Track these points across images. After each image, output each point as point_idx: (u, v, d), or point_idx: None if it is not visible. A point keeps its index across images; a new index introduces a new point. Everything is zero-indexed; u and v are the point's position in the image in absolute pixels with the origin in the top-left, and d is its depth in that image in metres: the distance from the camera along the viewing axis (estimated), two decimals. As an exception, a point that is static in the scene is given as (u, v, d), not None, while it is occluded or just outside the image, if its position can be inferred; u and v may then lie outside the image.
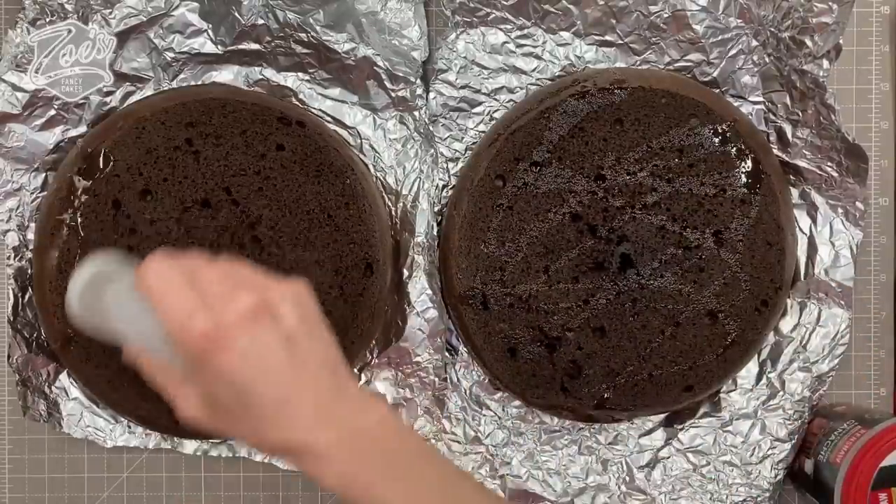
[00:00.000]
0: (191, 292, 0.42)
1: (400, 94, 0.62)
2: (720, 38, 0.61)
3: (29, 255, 0.61)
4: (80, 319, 0.48)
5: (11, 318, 0.61)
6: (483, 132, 0.63)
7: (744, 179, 0.60)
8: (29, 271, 0.61)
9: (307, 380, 0.43)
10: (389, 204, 0.63)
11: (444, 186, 0.63)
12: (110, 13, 0.60)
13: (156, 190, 0.59)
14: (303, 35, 0.61)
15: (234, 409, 0.43)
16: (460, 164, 0.63)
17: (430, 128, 0.62)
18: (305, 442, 0.42)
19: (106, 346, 0.59)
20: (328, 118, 0.63)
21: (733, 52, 0.61)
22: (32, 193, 0.61)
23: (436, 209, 0.62)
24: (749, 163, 0.60)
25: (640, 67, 0.62)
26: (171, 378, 0.46)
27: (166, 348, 0.44)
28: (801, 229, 0.63)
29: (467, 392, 0.63)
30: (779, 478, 0.63)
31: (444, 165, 0.63)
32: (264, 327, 0.42)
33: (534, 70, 0.62)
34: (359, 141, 0.63)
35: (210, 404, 0.44)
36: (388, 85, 0.62)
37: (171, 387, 0.46)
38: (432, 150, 0.62)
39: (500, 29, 0.62)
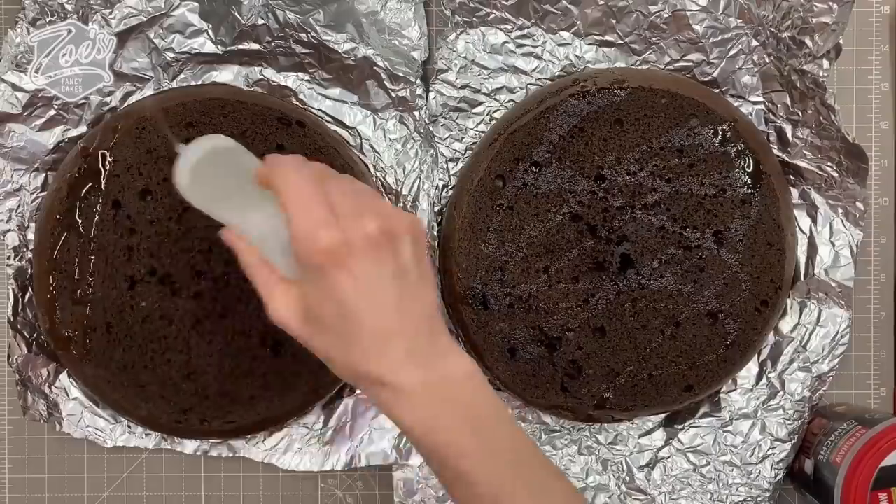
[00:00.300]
0: (322, 202, 0.42)
1: (400, 94, 0.62)
2: (720, 38, 0.61)
3: (29, 255, 0.61)
4: (188, 192, 0.47)
5: (11, 318, 0.61)
6: (483, 132, 0.63)
7: (744, 179, 0.60)
8: (29, 271, 0.61)
9: (408, 319, 0.43)
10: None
11: (444, 186, 0.63)
12: (110, 13, 0.60)
13: (156, 190, 0.59)
14: (303, 35, 0.61)
15: (331, 327, 0.43)
16: (460, 164, 0.63)
17: (430, 128, 0.62)
18: (392, 378, 0.42)
19: (106, 346, 0.59)
20: (328, 118, 0.63)
21: (733, 52, 0.61)
22: (32, 193, 0.61)
23: (436, 209, 0.62)
24: (749, 163, 0.60)
25: (640, 67, 0.62)
26: (270, 275, 0.45)
27: (278, 246, 0.43)
28: (801, 229, 0.63)
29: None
30: (779, 478, 0.63)
31: (444, 165, 0.63)
32: (384, 257, 0.42)
33: (534, 70, 0.62)
34: (359, 141, 0.63)
35: (307, 314, 0.44)
36: (388, 85, 0.62)
37: (270, 283, 0.45)
38: (432, 150, 0.62)
39: (500, 29, 0.62)
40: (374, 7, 0.61)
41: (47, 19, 0.60)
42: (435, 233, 0.62)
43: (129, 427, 0.63)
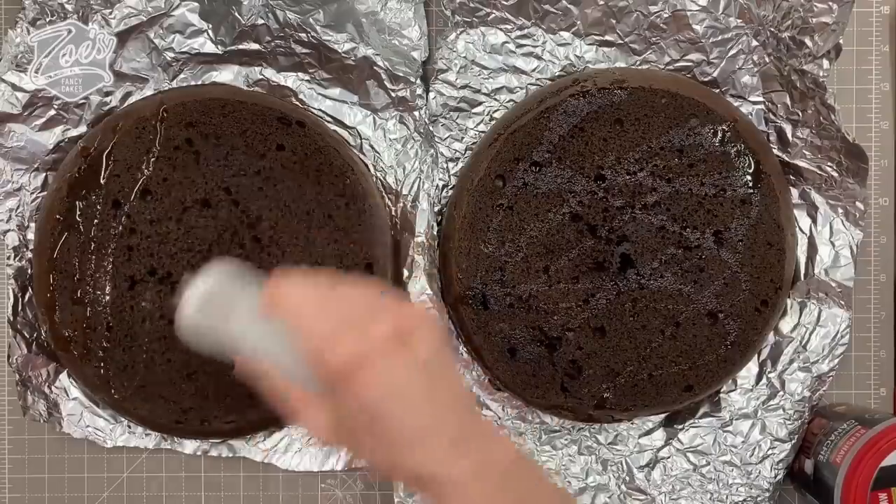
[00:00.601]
0: (330, 315, 0.42)
1: (400, 94, 0.62)
2: (720, 38, 0.61)
3: (29, 255, 0.61)
4: (192, 334, 0.47)
5: (11, 318, 0.61)
6: (483, 132, 0.63)
7: (744, 179, 0.60)
8: (29, 271, 0.61)
9: (443, 409, 0.42)
10: (389, 204, 0.63)
11: (444, 186, 0.63)
12: (110, 13, 0.60)
13: (156, 190, 0.59)
14: (303, 35, 0.61)
15: (368, 433, 0.42)
16: (460, 164, 0.63)
17: (430, 128, 0.62)
18: (441, 472, 0.41)
19: (106, 346, 0.59)
20: (328, 118, 0.63)
21: (733, 52, 0.61)
22: (32, 193, 0.61)
23: (436, 209, 0.62)
24: (749, 163, 0.60)
25: (640, 67, 0.62)
26: (297, 396, 0.45)
27: (296, 367, 0.43)
28: (801, 229, 0.63)
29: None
30: (779, 478, 0.63)
31: (444, 165, 0.63)
32: (402, 355, 0.42)
33: (534, 70, 0.62)
34: (359, 141, 0.63)
35: (342, 426, 0.43)
36: (388, 85, 0.62)
37: (298, 404, 0.45)
38: (432, 150, 0.62)
39: (500, 29, 0.62)
40: (374, 7, 0.61)
41: (47, 19, 0.60)
42: (435, 233, 0.62)
43: (129, 427, 0.63)
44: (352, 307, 0.43)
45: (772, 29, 0.60)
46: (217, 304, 0.46)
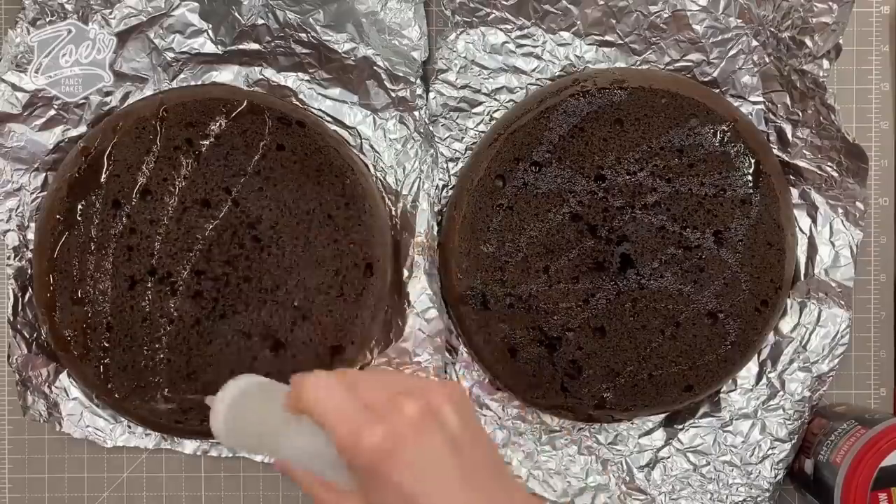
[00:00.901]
0: (356, 406, 0.42)
1: (400, 94, 0.62)
2: (720, 38, 0.61)
3: (29, 255, 0.61)
4: (227, 439, 0.48)
5: (11, 318, 0.61)
6: (483, 132, 0.63)
7: (744, 179, 0.60)
8: (29, 271, 0.61)
9: (478, 486, 0.42)
10: (389, 204, 0.63)
11: (444, 186, 0.63)
12: (110, 13, 0.60)
13: (156, 190, 0.59)
14: (303, 35, 0.61)
15: None
16: (460, 164, 0.63)
17: (430, 128, 0.62)
18: None
19: (106, 346, 0.59)
20: (328, 118, 0.63)
21: (733, 52, 0.61)
22: (32, 193, 0.61)
23: (436, 209, 0.62)
24: (749, 163, 0.60)
25: (640, 67, 0.62)
26: (330, 492, 0.45)
27: (328, 463, 0.44)
28: (801, 229, 0.63)
29: (467, 392, 0.63)
30: (779, 478, 0.63)
31: (444, 165, 0.63)
32: (432, 434, 0.42)
33: (534, 70, 0.62)
34: (359, 141, 0.63)
35: None
36: (388, 85, 0.62)
37: (333, 499, 0.45)
38: (432, 150, 0.62)
39: (500, 29, 0.62)
40: (374, 7, 0.61)
41: (47, 19, 0.60)
42: (435, 233, 0.62)
43: (129, 427, 0.63)
44: (376, 393, 0.43)
45: (772, 29, 0.60)
46: (247, 410, 0.48)
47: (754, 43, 0.61)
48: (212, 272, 0.59)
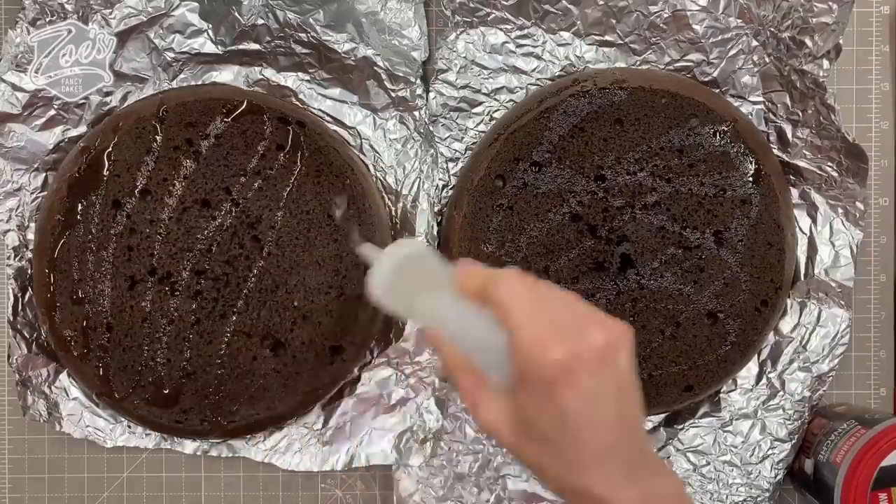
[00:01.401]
0: (549, 319, 0.42)
1: (400, 94, 0.62)
2: (720, 38, 0.61)
3: (29, 255, 0.61)
4: (383, 299, 0.46)
5: (11, 318, 0.61)
6: (483, 132, 0.63)
7: (744, 179, 0.60)
8: (29, 271, 0.61)
9: (626, 433, 0.42)
10: (389, 204, 0.63)
11: (444, 186, 0.63)
12: (110, 13, 0.60)
13: (156, 190, 0.59)
14: (303, 35, 0.61)
15: (549, 440, 0.42)
16: (460, 164, 0.63)
17: (430, 128, 0.62)
18: (611, 496, 0.41)
19: (106, 346, 0.59)
20: (328, 118, 0.63)
21: (733, 52, 0.61)
22: (32, 193, 0.61)
23: (436, 209, 0.62)
24: (749, 163, 0.60)
25: (640, 67, 0.62)
26: (477, 381, 0.45)
27: (487, 354, 0.43)
28: (801, 229, 0.63)
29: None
30: (779, 478, 0.63)
31: (444, 165, 0.63)
32: (608, 371, 0.41)
33: (534, 70, 0.62)
34: (359, 141, 0.63)
35: (520, 425, 0.43)
36: (388, 85, 0.62)
37: (477, 389, 0.45)
38: (432, 150, 0.62)
39: (500, 29, 0.62)
40: (374, 7, 0.61)
41: (47, 19, 0.60)
42: (435, 233, 0.62)
43: (129, 427, 0.63)
44: (566, 312, 0.42)
45: (772, 29, 0.60)
46: (409, 273, 0.46)
47: (754, 43, 0.61)
48: (212, 272, 0.59)
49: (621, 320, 0.43)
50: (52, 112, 0.61)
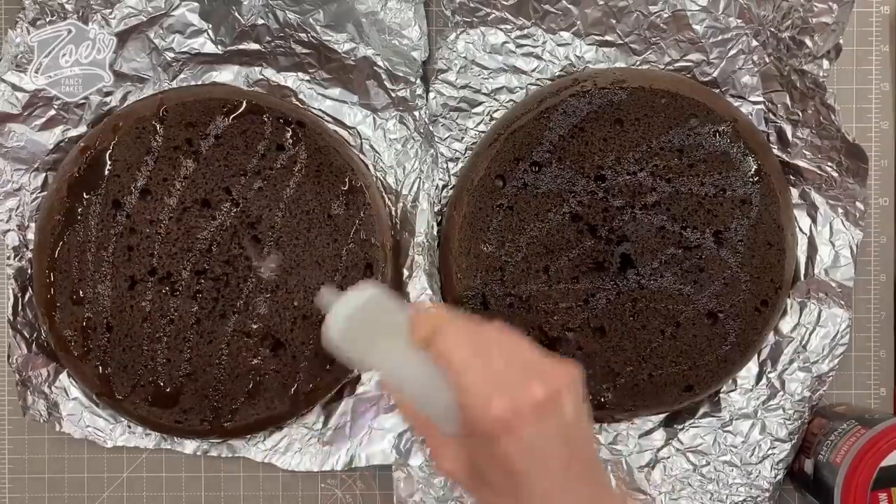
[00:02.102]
0: (490, 375, 0.42)
1: (400, 94, 0.62)
2: (720, 38, 0.61)
3: (29, 255, 0.61)
4: (339, 348, 0.47)
5: (11, 318, 0.61)
6: (483, 132, 0.63)
7: (744, 179, 0.60)
8: (29, 271, 0.61)
9: (576, 477, 0.43)
10: (389, 204, 0.63)
11: (444, 186, 0.63)
12: (110, 13, 0.60)
13: (156, 190, 0.59)
14: (303, 35, 0.61)
15: (500, 488, 0.43)
16: (460, 164, 0.63)
17: (430, 128, 0.62)
18: None
19: (106, 346, 0.59)
20: (328, 118, 0.63)
21: (733, 52, 0.61)
22: (32, 193, 0.61)
23: (436, 209, 0.62)
24: (749, 163, 0.60)
25: (640, 67, 0.62)
26: (433, 434, 0.46)
27: (436, 404, 0.44)
28: (801, 229, 0.63)
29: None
30: (779, 478, 0.63)
31: (444, 165, 0.63)
32: (550, 420, 0.42)
33: (534, 70, 0.62)
34: (359, 141, 0.63)
35: (475, 472, 0.44)
36: (388, 85, 0.62)
37: (435, 441, 0.46)
38: (432, 150, 0.62)
39: (500, 29, 0.62)
40: (374, 7, 0.61)
41: (47, 19, 0.60)
42: (435, 233, 0.62)
43: (129, 427, 0.63)
44: (509, 364, 0.43)
45: (772, 29, 0.60)
46: (365, 321, 0.46)
47: (754, 43, 0.61)
48: (212, 272, 0.59)
49: (569, 360, 0.44)
50: (52, 112, 0.61)
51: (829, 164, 0.61)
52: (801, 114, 0.61)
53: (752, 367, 0.63)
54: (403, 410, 0.47)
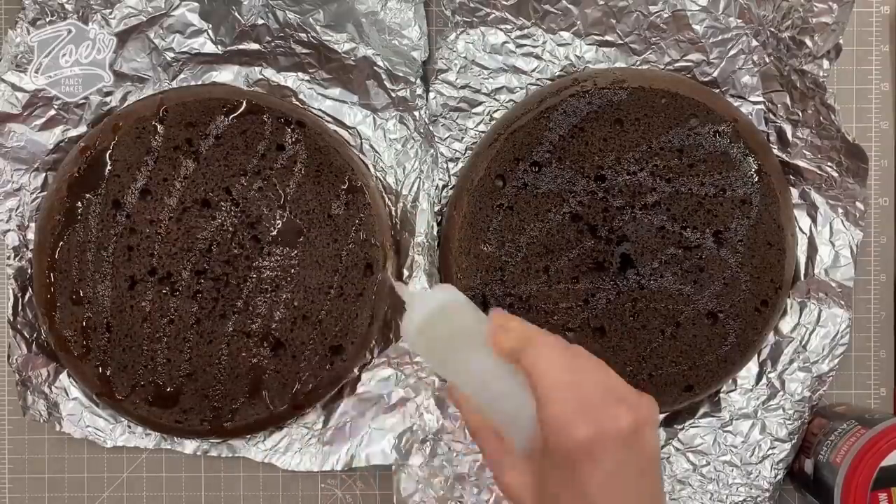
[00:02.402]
0: (579, 395, 0.42)
1: (400, 94, 0.62)
2: (720, 38, 0.61)
3: (29, 255, 0.61)
4: (415, 344, 0.46)
5: (11, 318, 0.61)
6: (483, 132, 0.63)
7: (744, 179, 0.60)
8: (29, 271, 0.61)
9: None
10: (389, 204, 0.63)
11: (444, 186, 0.63)
12: (110, 13, 0.60)
13: (156, 190, 0.59)
14: (303, 35, 0.61)
15: None
16: (460, 164, 0.63)
17: (430, 128, 0.62)
18: None
19: (106, 346, 0.59)
20: (328, 118, 0.63)
21: (733, 52, 0.61)
22: (32, 193, 0.61)
23: (436, 209, 0.62)
24: (749, 163, 0.60)
25: (640, 67, 0.62)
26: (500, 445, 0.45)
27: (513, 418, 0.43)
28: (801, 229, 0.63)
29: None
30: (779, 478, 0.63)
31: (444, 165, 0.63)
32: (633, 452, 0.42)
33: (534, 70, 0.62)
34: (359, 141, 0.63)
35: (543, 496, 0.43)
36: (388, 85, 0.62)
37: (500, 454, 0.45)
38: (432, 150, 0.62)
39: (500, 29, 0.62)
40: (374, 7, 0.61)
41: (47, 19, 0.60)
42: (435, 233, 0.62)
43: (129, 427, 0.63)
44: (596, 388, 0.42)
45: (772, 29, 0.60)
46: (444, 323, 0.46)
47: (754, 43, 0.61)
48: (212, 272, 0.59)
49: (652, 399, 0.43)
50: (52, 112, 0.61)
51: (829, 164, 0.61)
52: (801, 114, 0.61)
53: (752, 367, 0.63)
54: (472, 421, 0.46)
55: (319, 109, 0.62)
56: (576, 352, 0.44)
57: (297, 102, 0.62)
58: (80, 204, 0.59)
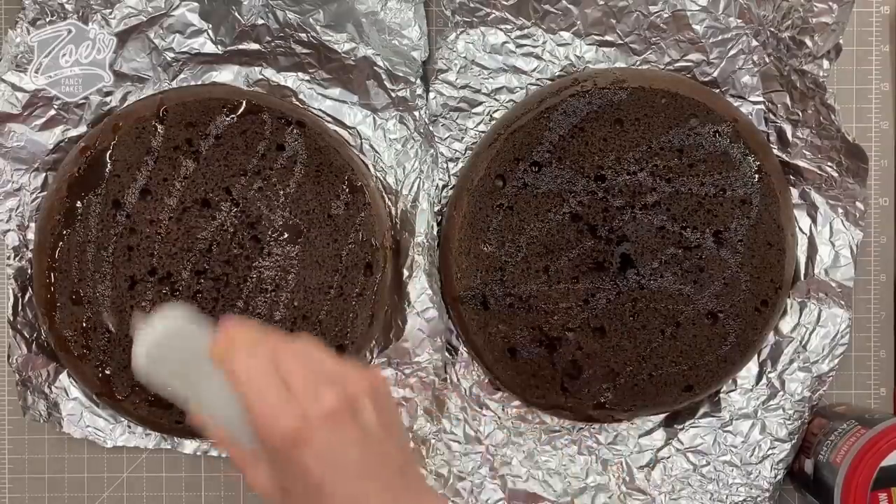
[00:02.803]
0: (276, 386, 0.42)
1: (400, 94, 0.62)
2: (720, 38, 0.61)
3: (29, 255, 0.61)
4: (146, 376, 0.46)
5: (11, 318, 0.61)
6: (483, 132, 0.63)
7: (743, 179, 0.60)
8: (29, 271, 0.61)
9: (374, 479, 0.43)
10: (389, 204, 0.63)
11: (444, 186, 0.63)
12: (110, 13, 0.60)
13: (156, 190, 0.59)
14: (303, 35, 0.61)
15: (303, 498, 0.43)
16: (460, 164, 0.63)
17: (430, 128, 0.62)
18: None
19: (106, 346, 0.59)
20: (328, 118, 0.63)
21: (733, 52, 0.61)
22: (32, 193, 0.61)
23: (436, 209, 0.62)
24: (749, 163, 0.60)
25: (640, 67, 0.62)
26: (241, 451, 0.46)
27: (242, 428, 0.44)
28: (801, 229, 0.63)
29: (467, 392, 0.63)
30: (779, 478, 0.63)
31: (444, 165, 0.63)
32: (344, 426, 0.42)
33: (534, 70, 0.62)
34: (359, 141, 0.63)
35: (280, 486, 0.44)
36: (388, 85, 0.62)
37: (242, 460, 0.46)
38: (432, 150, 0.62)
39: (500, 29, 0.62)
40: (374, 7, 0.61)
41: (47, 19, 0.60)
42: (435, 233, 0.62)
43: (129, 427, 0.63)
44: (298, 373, 0.43)
45: (772, 29, 0.60)
46: (173, 347, 0.46)
47: (754, 43, 0.61)
48: (212, 272, 0.59)
49: (373, 368, 0.44)
50: (52, 112, 0.61)
51: (829, 164, 0.61)
52: (801, 114, 0.61)
53: (752, 367, 0.63)
54: (213, 433, 0.46)
55: (319, 109, 0.62)
56: (276, 343, 0.44)
57: (297, 102, 0.62)
58: (80, 204, 0.59)
